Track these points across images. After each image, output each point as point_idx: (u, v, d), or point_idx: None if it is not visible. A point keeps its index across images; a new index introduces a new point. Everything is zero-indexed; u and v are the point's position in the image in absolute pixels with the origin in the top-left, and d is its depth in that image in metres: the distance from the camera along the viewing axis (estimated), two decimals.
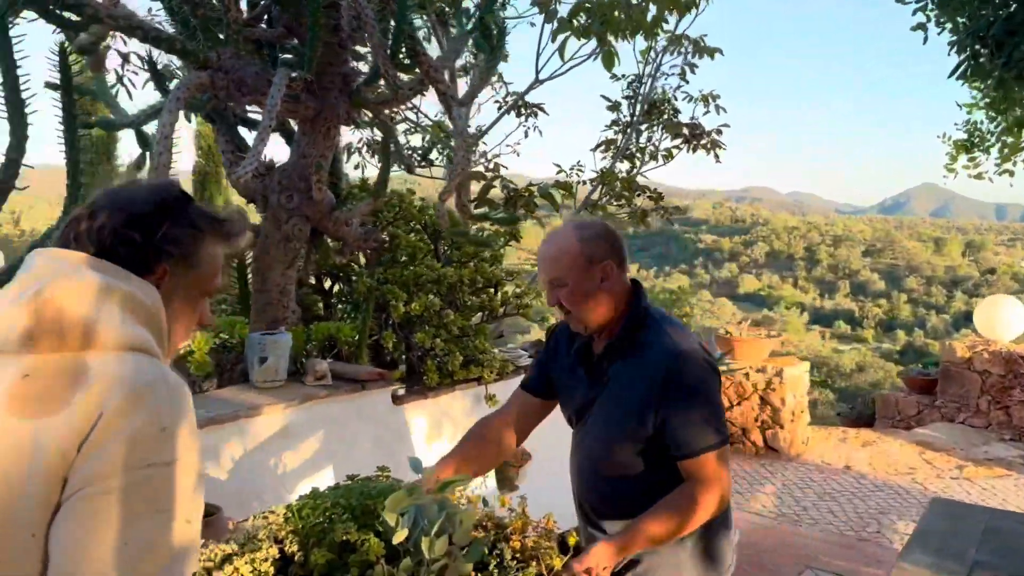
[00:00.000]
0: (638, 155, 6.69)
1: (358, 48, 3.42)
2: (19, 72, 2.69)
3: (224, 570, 1.75)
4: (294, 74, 3.04)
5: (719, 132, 6.68)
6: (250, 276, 3.70)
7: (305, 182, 3.35)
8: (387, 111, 3.72)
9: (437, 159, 5.64)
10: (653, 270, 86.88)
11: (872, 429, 8.23)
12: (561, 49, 4.49)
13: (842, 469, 6.87)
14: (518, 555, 1.87)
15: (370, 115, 3.86)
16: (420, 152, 5.72)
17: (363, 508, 1.87)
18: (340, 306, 4.20)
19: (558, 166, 6.35)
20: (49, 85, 3.78)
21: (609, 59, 3.83)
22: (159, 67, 3.44)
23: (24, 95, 2.69)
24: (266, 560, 1.78)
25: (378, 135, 6.36)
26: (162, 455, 1.09)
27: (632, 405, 1.95)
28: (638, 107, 6.56)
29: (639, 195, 6.10)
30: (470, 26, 3.44)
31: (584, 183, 6.22)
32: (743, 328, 7.62)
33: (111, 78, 3.64)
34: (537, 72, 5.99)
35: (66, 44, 3.18)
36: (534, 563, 1.85)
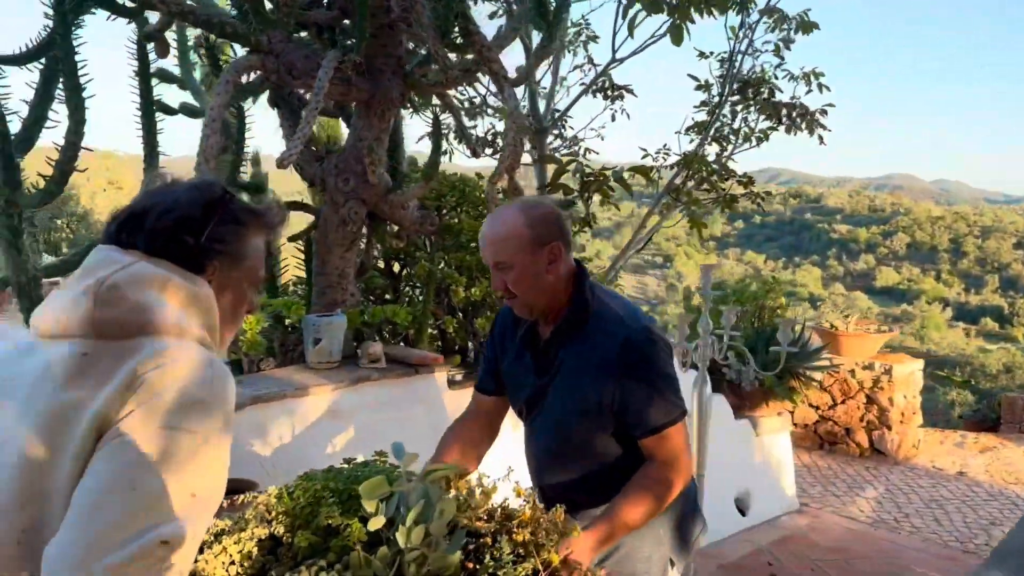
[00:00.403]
0: (731, 137, 6.38)
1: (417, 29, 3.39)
2: (77, 58, 2.82)
3: (213, 548, 1.76)
4: (343, 57, 3.04)
5: (824, 112, 6.30)
6: None
7: (361, 165, 3.36)
8: (449, 92, 3.67)
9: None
10: (781, 261, 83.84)
11: (995, 434, 7.60)
12: (631, 25, 4.33)
13: (955, 475, 6.38)
14: (520, 549, 1.80)
15: (438, 98, 3.83)
16: (494, 138, 5.69)
17: (350, 492, 1.84)
18: (407, 290, 4.22)
19: (644, 150, 6.19)
20: (157, 74, 3.96)
21: (678, 34, 3.65)
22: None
23: (82, 80, 2.82)
24: (251, 539, 1.78)
25: (463, 119, 6.36)
26: (186, 424, 1.15)
27: (588, 389, 1.91)
28: (727, 87, 6.25)
29: (726, 179, 5.81)
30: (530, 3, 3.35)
31: (671, 167, 6.00)
32: (850, 322, 7.19)
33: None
34: (614, 52, 5.82)
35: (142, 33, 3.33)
36: (533, 558, 1.77)
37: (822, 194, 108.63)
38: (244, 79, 3.13)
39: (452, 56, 3.37)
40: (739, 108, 6.36)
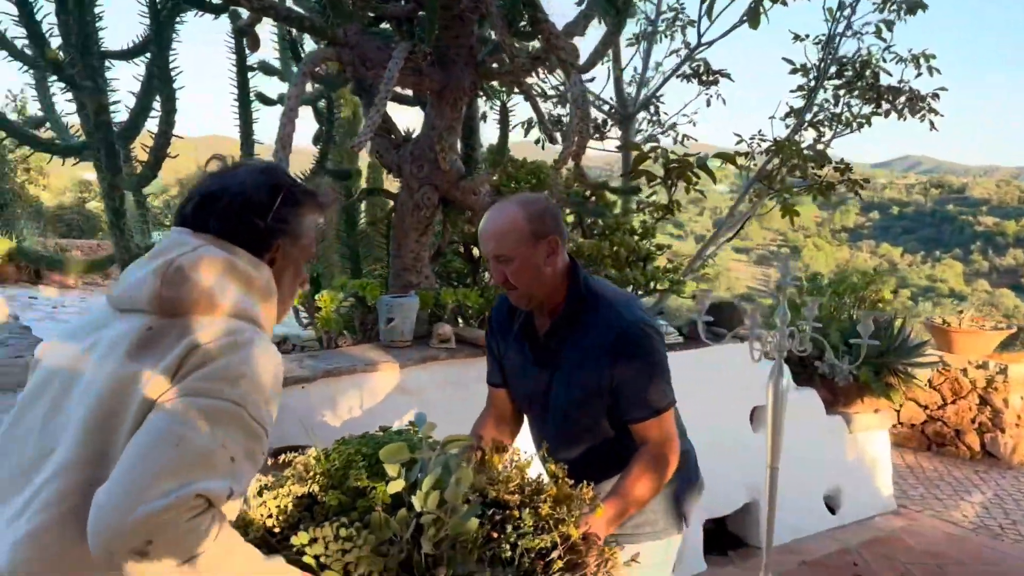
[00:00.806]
0: (830, 122, 6.12)
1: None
2: (170, 54, 3.06)
3: (254, 501, 1.91)
4: (414, 48, 3.16)
5: (935, 96, 5.97)
6: None
7: (434, 152, 3.48)
8: (527, 80, 3.73)
9: (609, 129, 5.57)
10: (920, 255, 79.31)
11: None
12: (710, 10, 4.25)
13: None
14: (543, 523, 1.87)
15: (516, 86, 3.91)
16: (594, 124, 5.70)
17: (380, 457, 1.95)
18: (485, 273, 4.32)
19: (738, 136, 6.05)
20: (260, 67, 4.22)
21: (755, 18, 3.56)
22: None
23: (172, 73, 3.05)
24: (287, 496, 1.92)
25: (561, 110, 6.41)
26: (230, 395, 1.27)
27: (588, 379, 2.03)
28: (824, 70, 5.98)
29: (822, 166, 5.57)
30: None
31: (764, 153, 5.83)
32: (963, 318, 6.80)
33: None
34: (699, 36, 5.71)
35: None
36: (552, 531, 1.84)
37: (966, 184, 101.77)
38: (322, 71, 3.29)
39: (524, 44, 3.44)
40: (842, 92, 6.11)
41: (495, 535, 1.77)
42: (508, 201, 2.09)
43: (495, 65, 3.44)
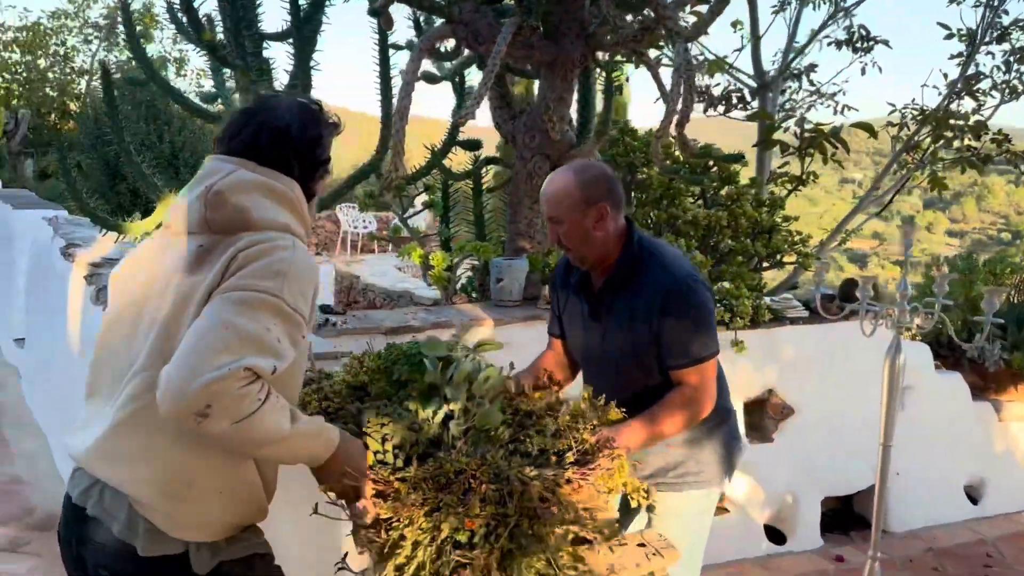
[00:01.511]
0: (1000, 90, 5.61)
1: None
2: (317, 37, 3.39)
3: (311, 386, 2.19)
4: (523, 23, 3.34)
5: None
6: None
7: (544, 123, 3.66)
8: (642, 50, 3.80)
9: (753, 99, 5.45)
10: None
11: None
12: None
13: None
14: (561, 430, 2.02)
15: (635, 56, 3.99)
16: (727, 94, 5.60)
17: (422, 358, 2.18)
18: None
19: (891, 105, 5.69)
20: (406, 46, 4.58)
21: None
22: None
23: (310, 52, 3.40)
24: (341, 382, 2.19)
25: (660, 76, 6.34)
26: (268, 288, 1.49)
27: (638, 332, 2.15)
28: (981, 34, 5.48)
29: (972, 136, 5.14)
30: None
31: (914, 123, 5.46)
32: None
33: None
34: (836, 2, 5.39)
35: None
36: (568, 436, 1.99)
37: None
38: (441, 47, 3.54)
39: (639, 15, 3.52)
40: (1012, 59, 5.58)
41: (521, 437, 1.95)
42: (565, 167, 2.25)
43: (607, 37, 3.55)
